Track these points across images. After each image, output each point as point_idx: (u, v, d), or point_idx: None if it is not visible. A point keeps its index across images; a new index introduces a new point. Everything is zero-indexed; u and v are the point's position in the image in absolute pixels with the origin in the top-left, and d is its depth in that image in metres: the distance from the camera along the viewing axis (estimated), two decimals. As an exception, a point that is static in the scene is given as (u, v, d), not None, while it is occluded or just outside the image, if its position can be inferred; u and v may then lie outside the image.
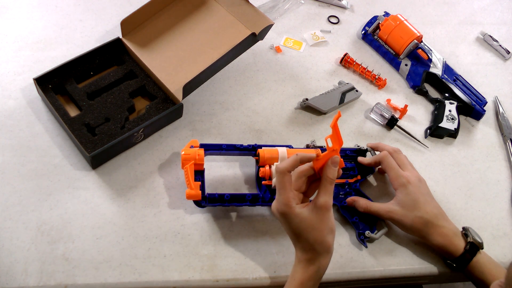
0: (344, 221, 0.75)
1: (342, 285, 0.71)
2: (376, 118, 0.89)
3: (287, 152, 0.73)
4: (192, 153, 0.70)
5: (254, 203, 0.71)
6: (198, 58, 0.82)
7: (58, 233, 0.67)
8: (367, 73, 0.95)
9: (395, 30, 0.96)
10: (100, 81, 0.81)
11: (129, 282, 0.64)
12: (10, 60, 0.85)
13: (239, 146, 0.75)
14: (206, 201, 0.69)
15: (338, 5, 1.09)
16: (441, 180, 0.83)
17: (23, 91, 0.81)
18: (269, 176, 0.71)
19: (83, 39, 0.91)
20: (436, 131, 0.88)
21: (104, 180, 0.73)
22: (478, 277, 0.67)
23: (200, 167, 0.71)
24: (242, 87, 0.89)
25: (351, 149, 0.80)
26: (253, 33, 0.81)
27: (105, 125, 0.76)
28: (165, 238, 0.69)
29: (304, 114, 0.88)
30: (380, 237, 0.72)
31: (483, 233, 0.73)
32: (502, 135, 0.92)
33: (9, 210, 0.68)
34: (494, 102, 0.97)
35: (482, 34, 1.09)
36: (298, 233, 0.60)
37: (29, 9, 0.94)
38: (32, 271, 0.63)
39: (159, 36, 0.86)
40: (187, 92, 0.80)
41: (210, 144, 0.74)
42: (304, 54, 0.98)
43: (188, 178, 0.68)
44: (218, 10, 0.88)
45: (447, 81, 0.94)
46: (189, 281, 0.66)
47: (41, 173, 0.72)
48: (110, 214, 0.70)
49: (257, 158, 0.74)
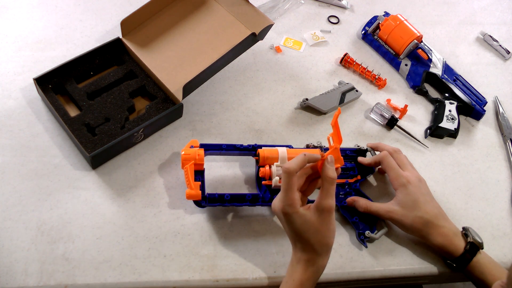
0: (344, 221, 0.75)
1: (342, 285, 0.71)
2: (376, 118, 0.89)
3: (287, 152, 0.73)
4: (192, 153, 0.70)
5: (254, 203, 0.71)
6: (198, 58, 0.82)
7: (58, 233, 0.67)
8: (367, 73, 0.95)
9: (395, 30, 0.96)
10: (100, 81, 0.81)
11: (129, 282, 0.64)
12: (10, 60, 0.85)
13: (239, 146, 0.75)
14: (206, 201, 0.69)
15: (338, 5, 1.09)
16: (441, 180, 0.83)
17: (23, 91, 0.81)
18: (269, 176, 0.71)
19: (83, 39, 0.91)
20: (436, 131, 0.88)
21: (104, 180, 0.73)
22: (478, 277, 0.67)
23: (200, 167, 0.71)
24: (242, 87, 0.89)
25: (351, 149, 0.80)
26: (253, 33, 0.81)
27: (105, 125, 0.76)
28: (165, 238, 0.69)
29: (304, 114, 0.88)
30: (380, 237, 0.72)
31: (483, 233, 0.73)
32: (502, 135, 0.92)
33: (9, 210, 0.68)
34: (494, 102, 0.97)
35: (482, 34, 1.09)
36: (299, 234, 0.60)
37: (29, 9, 0.94)
38: (32, 271, 0.63)
39: (159, 36, 0.86)
40: (187, 92, 0.80)
41: (210, 144, 0.74)
42: (304, 54, 0.98)
43: (188, 178, 0.68)
44: (218, 10, 0.88)
45: (447, 81, 0.94)
46: (189, 281, 0.66)
47: (41, 173, 0.72)
48: (110, 214, 0.70)
49: (257, 158, 0.74)
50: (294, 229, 0.60)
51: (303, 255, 0.61)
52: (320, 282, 0.69)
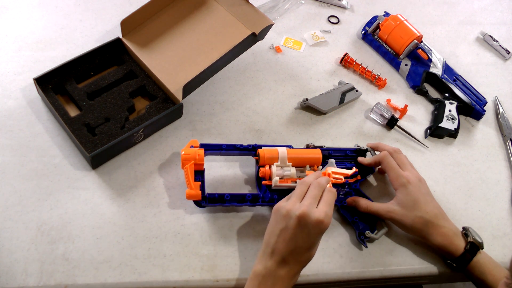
0: (344, 221, 0.75)
1: (342, 285, 0.71)
2: (376, 118, 0.89)
3: (287, 152, 0.73)
4: (192, 153, 0.70)
5: (254, 203, 0.71)
6: (198, 58, 0.82)
7: (58, 233, 0.67)
8: (367, 73, 0.95)
9: (395, 30, 0.96)
10: (100, 81, 0.81)
11: (129, 282, 0.64)
12: (10, 60, 0.85)
13: (239, 146, 0.75)
14: (206, 201, 0.69)
15: (338, 5, 1.09)
16: (441, 180, 0.83)
17: (23, 91, 0.81)
18: (269, 176, 0.71)
19: (83, 39, 0.91)
20: (436, 131, 0.88)
21: (104, 180, 0.73)
22: (478, 277, 0.67)
23: (200, 167, 0.71)
24: (242, 87, 0.89)
25: (351, 149, 0.80)
26: (253, 33, 0.81)
27: (105, 125, 0.76)
28: (165, 238, 0.69)
29: (304, 114, 0.88)
30: (380, 237, 0.72)
31: (483, 233, 0.73)
32: (502, 135, 0.92)
33: (9, 210, 0.68)
34: (494, 102, 0.97)
35: (482, 34, 1.09)
36: (311, 246, 0.61)
37: (29, 9, 0.94)
38: (32, 271, 0.63)
39: (159, 36, 0.86)
40: (187, 92, 0.80)
41: (210, 144, 0.74)
42: (304, 54, 0.98)
43: (188, 178, 0.68)
44: (218, 10, 0.88)
45: (447, 81, 0.94)
46: (189, 281, 0.66)
47: (41, 173, 0.72)
48: (110, 214, 0.70)
49: (257, 158, 0.74)
50: (311, 241, 0.61)
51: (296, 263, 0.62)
52: (320, 282, 0.69)
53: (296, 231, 0.60)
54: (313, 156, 0.74)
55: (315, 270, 0.69)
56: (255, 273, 0.61)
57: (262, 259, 0.62)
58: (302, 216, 0.60)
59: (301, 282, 0.68)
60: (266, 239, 0.63)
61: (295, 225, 0.60)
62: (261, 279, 0.60)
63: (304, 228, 0.60)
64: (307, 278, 0.68)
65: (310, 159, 0.74)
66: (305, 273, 0.68)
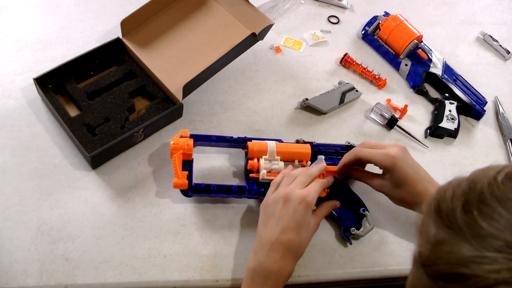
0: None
1: (342, 285, 0.71)
2: (376, 118, 0.89)
3: (276, 146, 0.73)
4: (181, 142, 0.70)
5: (240, 195, 0.71)
6: (198, 58, 0.82)
7: (58, 233, 0.67)
8: (367, 73, 0.95)
9: (395, 30, 0.96)
10: (100, 81, 0.81)
11: (129, 282, 0.64)
12: (10, 60, 0.85)
13: (229, 138, 0.75)
14: (192, 190, 0.69)
15: (338, 5, 1.09)
16: (441, 180, 0.82)
17: (23, 91, 0.81)
18: (257, 169, 0.71)
19: (83, 39, 0.91)
20: (436, 131, 0.88)
21: (104, 180, 0.73)
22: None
23: (189, 157, 0.71)
24: (242, 87, 0.89)
25: (341, 145, 0.80)
26: (253, 33, 0.81)
27: (105, 125, 0.76)
28: (165, 238, 0.69)
29: (304, 114, 0.88)
30: (365, 234, 0.72)
31: (483, 233, 0.73)
32: (502, 135, 0.92)
33: (9, 210, 0.68)
34: (494, 102, 0.97)
35: (482, 34, 1.09)
36: (299, 226, 0.62)
37: (29, 9, 0.94)
38: (32, 271, 0.63)
39: (159, 36, 0.86)
40: (187, 92, 0.80)
41: (200, 135, 0.74)
42: (304, 54, 0.98)
43: (176, 167, 0.68)
44: (218, 10, 0.88)
45: (447, 81, 0.94)
46: (189, 281, 0.66)
47: (41, 173, 0.72)
48: (110, 214, 0.70)
49: (246, 150, 0.74)
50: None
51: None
52: (320, 282, 0.69)
53: (282, 212, 0.62)
54: (302, 151, 0.74)
55: (315, 270, 0.69)
56: (248, 269, 0.62)
57: (253, 254, 0.62)
58: (286, 195, 0.63)
59: (301, 282, 0.68)
60: (257, 234, 0.64)
61: (281, 206, 0.63)
62: (252, 274, 0.61)
63: (288, 204, 0.62)
64: (307, 278, 0.68)
65: (299, 154, 0.74)
66: (305, 273, 0.68)
